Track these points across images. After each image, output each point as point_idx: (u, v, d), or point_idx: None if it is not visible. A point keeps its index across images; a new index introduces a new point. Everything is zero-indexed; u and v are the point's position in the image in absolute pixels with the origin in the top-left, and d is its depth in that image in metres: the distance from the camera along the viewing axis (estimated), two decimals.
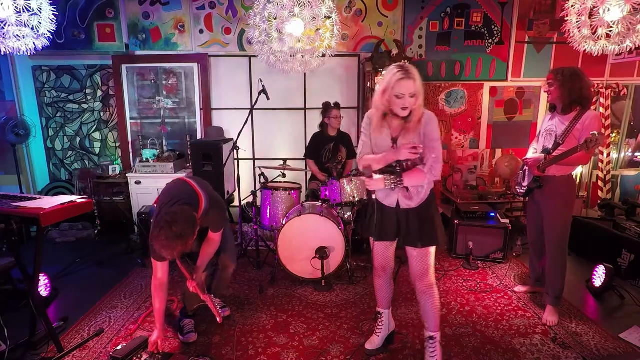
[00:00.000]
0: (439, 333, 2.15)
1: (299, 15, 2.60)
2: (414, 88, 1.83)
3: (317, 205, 3.21)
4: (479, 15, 4.34)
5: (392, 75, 1.84)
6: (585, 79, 2.41)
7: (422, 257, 2.05)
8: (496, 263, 3.53)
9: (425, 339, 2.17)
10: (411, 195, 2.01)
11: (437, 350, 2.13)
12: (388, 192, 2.05)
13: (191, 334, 2.45)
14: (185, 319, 2.51)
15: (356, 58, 4.44)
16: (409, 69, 1.85)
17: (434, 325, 2.12)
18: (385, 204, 2.09)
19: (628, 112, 4.61)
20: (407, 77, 1.82)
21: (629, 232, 3.26)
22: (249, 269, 3.45)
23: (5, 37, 2.24)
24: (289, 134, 4.60)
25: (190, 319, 2.53)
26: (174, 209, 2.00)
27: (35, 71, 4.36)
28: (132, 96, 4.48)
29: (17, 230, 2.03)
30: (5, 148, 4.25)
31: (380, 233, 2.13)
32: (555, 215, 2.53)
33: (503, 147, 4.68)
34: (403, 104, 1.85)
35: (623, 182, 4.78)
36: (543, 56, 4.44)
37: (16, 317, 2.55)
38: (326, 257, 3.01)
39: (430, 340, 2.14)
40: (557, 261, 2.58)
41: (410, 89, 1.82)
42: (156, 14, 4.26)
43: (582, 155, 2.30)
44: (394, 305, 2.72)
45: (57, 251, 3.95)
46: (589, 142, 2.16)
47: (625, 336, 2.44)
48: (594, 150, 2.24)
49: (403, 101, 1.85)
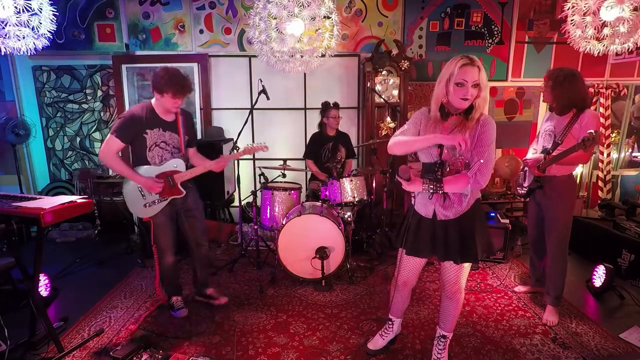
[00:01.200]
0: (452, 334, 2.12)
1: (299, 15, 2.60)
2: (477, 77, 1.67)
3: (317, 205, 3.21)
4: (479, 15, 4.34)
5: (456, 62, 1.69)
6: (580, 81, 2.41)
7: (456, 270, 1.93)
8: (496, 263, 3.53)
9: (437, 336, 2.13)
10: (449, 205, 1.84)
11: (446, 349, 2.13)
12: (425, 201, 1.89)
13: (182, 310, 2.70)
14: (173, 297, 2.74)
15: (356, 58, 4.44)
16: (474, 58, 1.69)
17: (450, 326, 2.08)
18: (422, 213, 1.92)
19: (628, 112, 4.61)
20: (472, 64, 1.66)
21: (629, 232, 3.26)
22: (249, 269, 3.44)
23: (6, 37, 2.24)
24: (289, 134, 4.60)
25: (177, 296, 2.75)
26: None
27: (35, 71, 4.36)
28: (132, 96, 4.47)
29: (17, 230, 2.02)
30: (5, 148, 4.25)
31: (413, 247, 1.95)
32: (556, 215, 2.53)
33: (503, 147, 4.67)
34: (464, 94, 1.68)
35: (623, 182, 4.78)
36: (543, 56, 4.44)
37: (16, 317, 2.54)
38: (326, 257, 3.01)
39: (441, 339, 2.11)
40: (557, 261, 2.58)
41: (474, 77, 1.66)
42: (156, 14, 4.26)
43: (580, 154, 2.32)
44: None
45: (57, 251, 3.95)
46: (586, 141, 2.18)
47: (625, 336, 2.44)
48: (592, 148, 2.25)
49: (464, 90, 1.68)
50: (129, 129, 2.43)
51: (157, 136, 2.51)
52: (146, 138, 2.47)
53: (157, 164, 2.53)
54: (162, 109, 2.51)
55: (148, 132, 2.48)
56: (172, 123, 2.56)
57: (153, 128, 2.49)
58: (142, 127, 2.46)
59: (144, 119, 2.46)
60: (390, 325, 2.30)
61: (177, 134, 2.57)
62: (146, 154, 2.49)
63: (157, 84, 2.40)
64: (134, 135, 2.45)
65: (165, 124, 2.53)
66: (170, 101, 2.43)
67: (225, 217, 4.61)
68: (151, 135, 2.49)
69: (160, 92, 2.41)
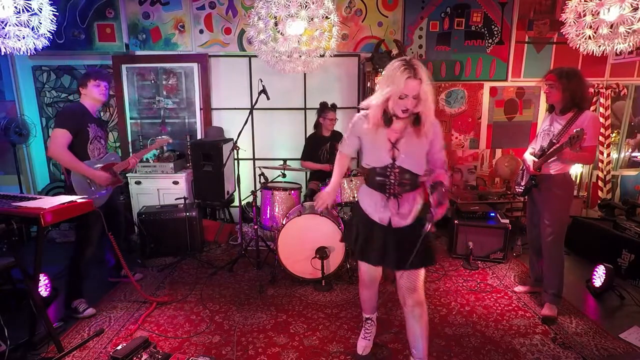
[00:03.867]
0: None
1: (298, 15, 2.59)
2: (418, 89, 1.65)
3: None
4: (479, 15, 4.34)
5: (400, 73, 1.65)
6: (584, 80, 2.45)
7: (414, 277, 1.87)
8: (496, 263, 3.53)
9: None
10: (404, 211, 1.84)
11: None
12: (380, 207, 1.87)
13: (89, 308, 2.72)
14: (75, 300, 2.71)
15: (356, 58, 4.44)
16: (415, 67, 1.65)
17: (423, 350, 1.93)
18: (375, 219, 1.90)
19: (628, 112, 4.61)
20: (415, 77, 1.64)
21: (629, 232, 3.26)
22: (249, 269, 3.44)
23: (6, 37, 2.24)
24: (289, 134, 4.60)
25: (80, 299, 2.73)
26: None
27: (35, 71, 4.36)
28: (132, 96, 4.47)
29: (18, 230, 2.03)
30: (5, 148, 4.25)
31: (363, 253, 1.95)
32: (551, 213, 2.55)
33: (503, 147, 4.67)
34: (404, 105, 1.68)
35: (623, 182, 4.78)
36: (543, 56, 4.44)
37: (16, 317, 2.55)
38: (326, 257, 3.01)
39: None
40: (553, 260, 2.59)
41: (415, 90, 1.65)
42: (156, 14, 4.26)
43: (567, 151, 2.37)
44: (396, 306, 2.73)
45: (57, 251, 3.94)
46: (572, 139, 2.25)
47: (625, 336, 2.44)
48: (577, 146, 2.30)
49: (405, 102, 1.67)
50: (74, 121, 2.61)
51: (95, 130, 2.73)
52: (89, 131, 2.69)
53: (96, 157, 2.74)
54: (90, 104, 2.75)
55: (90, 126, 2.69)
56: (99, 120, 2.87)
57: (91, 123, 2.73)
58: (84, 120, 2.66)
59: (82, 113, 2.68)
60: (369, 324, 2.31)
61: (104, 130, 2.90)
62: (87, 148, 2.67)
63: (80, 81, 2.72)
64: (79, 127, 2.62)
65: (96, 120, 2.79)
66: (95, 89, 2.70)
67: (225, 217, 4.61)
68: (92, 129, 2.72)
69: (84, 85, 2.70)
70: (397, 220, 1.86)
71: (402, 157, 1.80)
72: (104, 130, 2.88)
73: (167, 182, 4.04)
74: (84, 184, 2.65)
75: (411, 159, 1.81)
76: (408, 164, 1.81)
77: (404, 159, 1.80)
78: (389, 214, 1.86)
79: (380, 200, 1.87)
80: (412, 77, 1.64)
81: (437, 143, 1.83)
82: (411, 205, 1.85)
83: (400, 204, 1.84)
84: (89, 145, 2.68)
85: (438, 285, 3.15)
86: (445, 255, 3.72)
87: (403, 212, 1.85)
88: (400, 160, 1.80)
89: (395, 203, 1.84)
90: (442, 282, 3.20)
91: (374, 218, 1.90)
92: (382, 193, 1.86)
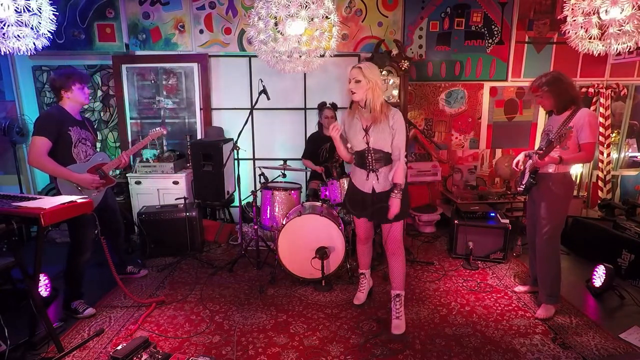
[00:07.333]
0: (404, 292, 2.55)
1: (298, 15, 2.59)
2: (356, 74, 2.26)
3: (317, 205, 3.21)
4: (479, 15, 4.34)
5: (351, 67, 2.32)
6: (567, 79, 2.48)
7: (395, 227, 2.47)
8: (496, 263, 3.53)
9: (392, 297, 2.54)
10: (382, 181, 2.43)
11: (403, 307, 2.52)
12: (363, 181, 2.46)
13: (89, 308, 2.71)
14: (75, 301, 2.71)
15: (356, 58, 4.44)
16: (362, 62, 2.37)
17: (400, 284, 2.52)
18: (362, 189, 2.49)
19: (628, 112, 4.61)
20: (356, 66, 2.29)
21: (629, 232, 3.26)
22: (249, 269, 3.45)
23: (5, 37, 2.24)
24: (289, 134, 4.60)
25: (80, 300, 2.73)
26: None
27: (35, 71, 4.36)
28: (132, 96, 4.47)
29: (17, 230, 2.03)
30: (5, 148, 4.25)
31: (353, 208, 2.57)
32: (547, 212, 2.55)
33: (503, 147, 4.67)
34: (350, 88, 2.30)
35: (623, 182, 4.78)
36: (543, 56, 4.44)
37: (16, 317, 2.54)
38: (326, 257, 3.01)
39: (396, 298, 2.52)
40: (547, 259, 2.58)
41: (354, 75, 2.27)
42: (156, 14, 4.26)
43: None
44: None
45: (57, 251, 3.93)
46: (560, 136, 2.30)
47: (625, 336, 2.44)
48: (564, 144, 2.36)
49: (349, 85, 2.30)
50: (52, 127, 2.52)
51: (78, 133, 2.64)
52: (71, 135, 2.60)
53: (82, 160, 2.66)
54: (72, 106, 2.65)
55: (71, 129, 2.59)
56: (82, 122, 2.75)
57: (73, 126, 2.61)
58: (63, 124, 2.56)
59: (62, 117, 2.58)
60: (364, 278, 2.88)
61: (89, 132, 2.77)
62: (72, 152, 2.60)
63: (61, 84, 2.58)
64: (58, 132, 2.53)
65: (79, 122, 2.70)
66: (80, 92, 2.63)
67: (225, 217, 4.61)
68: (74, 132, 2.61)
69: (67, 88, 2.59)
70: (378, 187, 2.44)
71: (373, 141, 2.36)
72: (89, 131, 2.76)
73: (167, 182, 4.04)
74: (72, 189, 2.60)
75: (381, 142, 2.35)
76: (379, 145, 2.36)
77: (374, 142, 2.36)
78: (372, 184, 2.45)
79: (365, 174, 2.45)
80: (355, 66, 2.30)
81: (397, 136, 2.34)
82: (386, 176, 2.41)
83: (378, 177, 2.42)
84: (73, 149, 2.60)
85: (438, 285, 3.15)
86: (445, 255, 3.72)
87: (381, 182, 2.43)
88: (372, 143, 2.37)
89: (375, 176, 2.43)
90: (442, 282, 3.20)
91: (363, 189, 2.49)
92: (364, 169, 2.45)
